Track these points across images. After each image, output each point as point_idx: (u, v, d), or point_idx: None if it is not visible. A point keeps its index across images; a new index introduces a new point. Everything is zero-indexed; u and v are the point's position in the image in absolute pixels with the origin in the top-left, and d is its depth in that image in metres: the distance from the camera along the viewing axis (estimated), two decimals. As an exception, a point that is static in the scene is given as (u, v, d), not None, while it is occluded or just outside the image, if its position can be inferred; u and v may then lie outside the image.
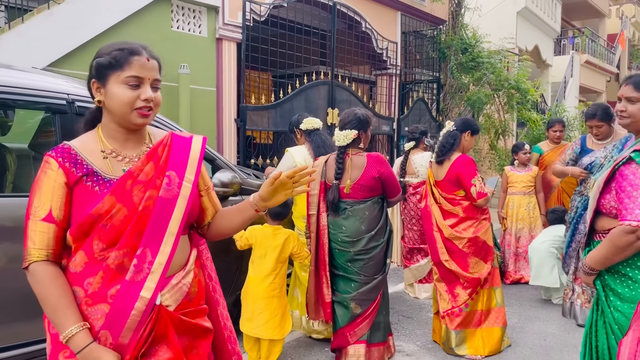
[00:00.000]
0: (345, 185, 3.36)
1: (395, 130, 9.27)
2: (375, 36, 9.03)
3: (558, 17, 16.55)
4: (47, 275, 1.45)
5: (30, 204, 1.48)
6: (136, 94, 1.50)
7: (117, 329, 1.43)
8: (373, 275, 3.36)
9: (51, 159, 1.49)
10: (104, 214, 1.45)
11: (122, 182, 1.48)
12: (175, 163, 1.56)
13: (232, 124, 6.79)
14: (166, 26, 6.10)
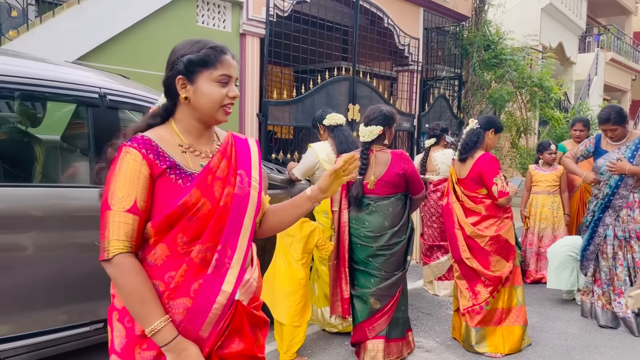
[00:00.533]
0: (369, 181, 3.39)
1: (415, 127, 9.24)
2: (397, 32, 9.00)
3: (583, 14, 16.29)
4: (133, 268, 1.43)
5: (111, 194, 1.44)
6: (225, 92, 1.53)
7: (198, 323, 1.45)
8: (393, 272, 3.39)
9: (133, 149, 1.46)
10: (191, 207, 1.45)
11: (204, 176, 1.50)
12: (242, 162, 1.60)
13: (254, 119, 6.85)
14: (191, 21, 6.17)
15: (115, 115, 3.06)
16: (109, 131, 2.97)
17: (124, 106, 3.18)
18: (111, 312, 1.55)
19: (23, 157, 3.18)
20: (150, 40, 5.73)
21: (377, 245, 3.36)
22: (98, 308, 2.92)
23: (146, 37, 5.70)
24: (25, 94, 2.94)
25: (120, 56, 5.48)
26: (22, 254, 2.66)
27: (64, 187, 3.05)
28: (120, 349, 1.50)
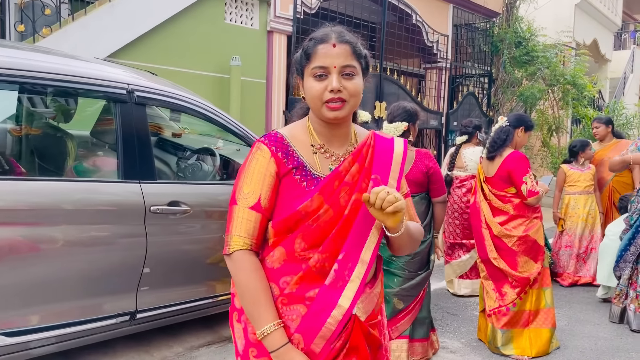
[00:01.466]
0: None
1: (443, 124, 9.13)
2: (425, 29, 8.90)
3: (619, 10, 15.82)
4: (251, 265, 1.40)
5: (239, 189, 1.43)
6: (324, 86, 1.39)
7: (311, 335, 1.36)
8: (417, 271, 3.34)
9: (264, 146, 1.43)
10: (312, 212, 1.38)
11: (331, 182, 1.40)
12: (379, 166, 1.46)
13: (280, 116, 6.87)
14: (219, 19, 6.22)
15: (143, 111, 3.11)
16: (136, 127, 3.05)
17: (152, 102, 3.23)
18: (232, 312, 1.52)
19: (55, 151, 3.26)
20: (179, 38, 5.80)
21: None
22: (121, 300, 2.98)
23: (175, 34, 5.77)
24: (56, 89, 3.02)
25: (149, 53, 5.56)
26: (52, 247, 2.72)
27: (93, 181, 3.11)
28: (241, 350, 1.46)
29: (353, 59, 1.42)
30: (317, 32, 1.47)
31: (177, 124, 4.58)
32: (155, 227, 3.04)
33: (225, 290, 3.46)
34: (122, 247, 2.98)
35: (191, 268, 3.31)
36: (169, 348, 3.47)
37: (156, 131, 4.25)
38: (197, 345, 3.55)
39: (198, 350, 3.47)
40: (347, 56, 1.41)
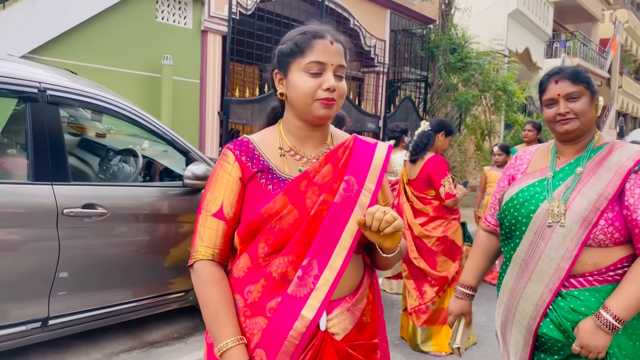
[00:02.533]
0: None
1: (381, 128, 9.31)
2: (363, 33, 9.05)
3: (550, 20, 16.64)
4: (210, 277, 1.32)
5: (203, 198, 1.38)
6: (318, 82, 1.32)
7: (273, 351, 1.25)
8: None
9: (229, 151, 1.39)
10: (274, 214, 1.30)
11: (297, 182, 1.32)
12: (355, 168, 1.36)
13: (215, 117, 6.80)
14: (150, 16, 6.10)
15: (56, 111, 3.01)
16: (49, 127, 2.94)
17: (67, 102, 3.12)
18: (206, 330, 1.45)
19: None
20: (107, 35, 5.64)
21: None
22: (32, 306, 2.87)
23: (102, 31, 5.61)
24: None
25: (74, 51, 5.38)
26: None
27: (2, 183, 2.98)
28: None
29: (344, 59, 1.38)
30: (302, 27, 1.40)
31: (102, 125, 4.46)
32: (68, 230, 2.95)
33: (148, 293, 3.40)
34: (32, 251, 2.86)
35: (109, 272, 3.22)
36: (87, 355, 3.37)
37: (78, 131, 4.11)
38: (117, 351, 3.46)
39: (118, 357, 3.39)
40: (341, 56, 1.37)
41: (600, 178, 1.64)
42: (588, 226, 1.60)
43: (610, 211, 1.60)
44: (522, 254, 1.74)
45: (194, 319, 4.06)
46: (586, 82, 1.71)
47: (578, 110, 1.68)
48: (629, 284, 1.57)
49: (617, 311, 1.55)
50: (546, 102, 1.74)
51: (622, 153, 1.67)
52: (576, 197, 1.63)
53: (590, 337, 1.57)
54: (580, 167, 1.70)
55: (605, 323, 1.55)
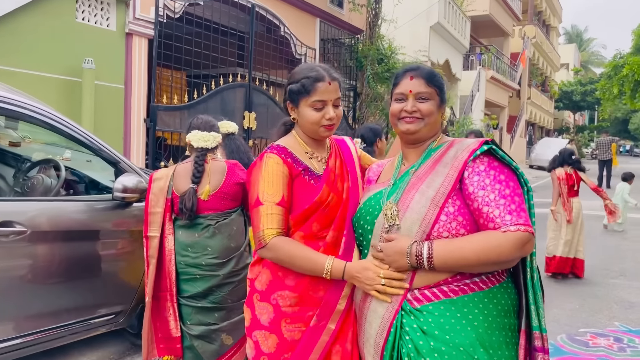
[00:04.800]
0: (204, 192, 2.92)
1: (312, 136, 9.27)
2: (294, 41, 8.99)
3: (467, 34, 17.48)
4: (288, 240, 1.74)
5: (261, 192, 1.76)
6: (321, 114, 1.80)
7: (335, 298, 1.74)
8: (241, 299, 2.95)
9: (274, 155, 1.80)
10: (323, 201, 1.77)
11: (329, 175, 1.82)
12: (348, 160, 1.91)
13: (141, 124, 6.44)
14: (70, 16, 5.68)
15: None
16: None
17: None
18: (251, 295, 1.86)
19: None
20: (20, 35, 5.18)
21: (224, 272, 2.96)
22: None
23: (15, 31, 5.14)
24: None
25: (-18, 51, 4.88)
26: None
27: None
28: (268, 323, 1.79)
29: (339, 92, 1.85)
30: (306, 69, 1.85)
31: (16, 132, 4.05)
32: (-20, 251, 2.61)
33: (73, 318, 3.10)
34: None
35: (29, 296, 2.90)
36: (1, 390, 3.00)
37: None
38: (37, 383, 3.12)
39: (37, 390, 3.05)
40: (337, 91, 1.84)
41: (437, 173, 1.59)
42: (428, 224, 1.53)
43: (451, 205, 1.53)
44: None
45: (123, 341, 3.77)
46: (439, 86, 1.68)
47: (425, 112, 1.64)
48: (463, 239, 1.52)
49: (437, 251, 1.50)
50: (396, 95, 1.69)
51: (458, 147, 1.62)
52: (414, 195, 1.58)
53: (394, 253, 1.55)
54: (414, 168, 1.66)
55: (417, 253, 1.51)
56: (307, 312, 1.76)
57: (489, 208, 1.52)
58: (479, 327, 1.51)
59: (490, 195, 1.53)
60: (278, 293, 1.78)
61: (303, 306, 1.76)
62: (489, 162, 1.59)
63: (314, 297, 1.76)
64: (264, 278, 1.82)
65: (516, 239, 1.47)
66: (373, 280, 1.61)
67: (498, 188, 1.54)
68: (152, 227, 2.96)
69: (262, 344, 1.79)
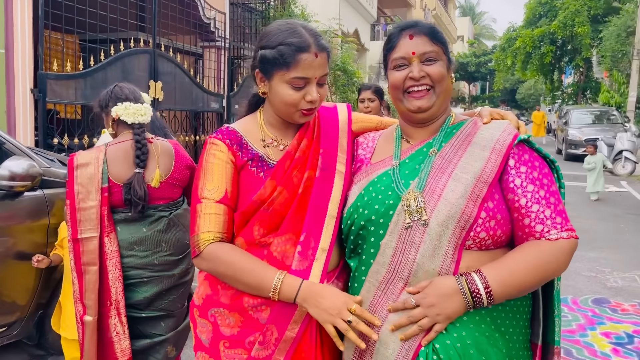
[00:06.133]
0: (154, 178, 2.46)
1: (225, 107, 8.70)
2: (202, 4, 8.28)
3: (375, 3, 17.45)
4: (228, 247, 1.38)
5: (201, 187, 1.41)
6: (301, 95, 1.38)
7: (284, 322, 1.34)
8: (185, 302, 2.63)
9: (218, 140, 1.44)
10: (266, 198, 1.39)
11: (281, 163, 1.42)
12: (326, 138, 1.47)
13: (27, 95, 5.55)
14: None
15: None
16: None
17: None
18: (192, 309, 1.51)
19: None
20: None
21: (180, 271, 2.51)
22: None
23: None
24: None
25: None
26: None
27: None
28: (208, 343, 1.44)
29: (327, 66, 1.43)
30: (286, 31, 1.39)
31: None
32: None
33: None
34: None
35: None
36: None
37: None
38: None
39: None
40: (324, 66, 1.42)
41: (474, 156, 1.27)
42: (468, 220, 1.23)
43: (490, 199, 1.25)
44: (382, 269, 1.30)
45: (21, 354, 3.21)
46: (444, 43, 1.35)
47: (436, 76, 1.30)
48: (514, 258, 1.24)
49: (493, 282, 1.19)
50: (395, 61, 1.33)
51: (492, 127, 1.32)
52: (447, 182, 1.25)
53: (440, 297, 1.20)
54: (434, 148, 1.33)
55: (472, 289, 1.19)
56: (248, 336, 1.38)
57: (539, 207, 1.24)
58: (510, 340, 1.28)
59: (540, 191, 1.25)
60: (214, 310, 1.44)
61: (244, 329, 1.39)
62: (531, 152, 1.30)
63: (255, 320, 1.38)
64: (201, 290, 1.49)
65: (571, 248, 1.23)
66: (338, 310, 1.25)
67: (547, 184, 1.27)
68: (84, 227, 2.38)
69: None
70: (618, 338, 3.71)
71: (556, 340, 1.34)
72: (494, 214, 1.24)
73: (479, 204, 1.23)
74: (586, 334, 3.76)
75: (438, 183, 1.27)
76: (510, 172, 1.26)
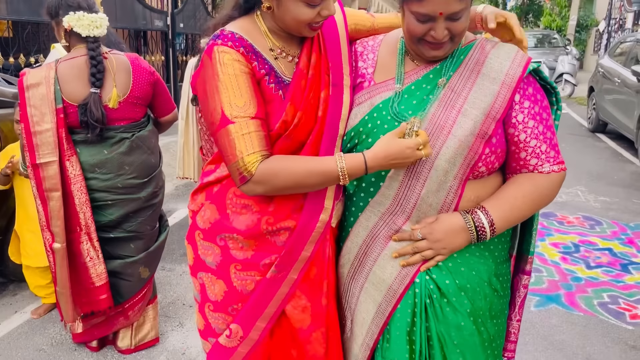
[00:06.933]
0: (111, 98, 2.31)
1: (169, 26, 8.20)
2: None
3: None
4: (278, 160, 1.25)
5: (225, 105, 1.22)
6: (316, 12, 1.24)
7: (301, 244, 1.34)
8: (156, 224, 2.60)
9: (229, 49, 1.24)
10: (289, 125, 1.28)
11: (297, 84, 1.30)
12: (332, 48, 1.35)
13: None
14: None
15: None
16: None
17: None
18: (193, 231, 1.44)
19: None
20: None
21: (146, 194, 2.46)
22: None
23: None
24: None
25: None
26: None
27: None
28: (215, 266, 1.40)
29: None
30: None
31: None
32: None
33: None
34: None
35: None
36: None
37: None
38: None
39: None
40: None
41: (483, 90, 1.24)
42: (474, 157, 1.24)
43: (494, 135, 1.25)
44: (386, 201, 1.31)
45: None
46: None
47: (458, 31, 1.23)
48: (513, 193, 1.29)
49: (496, 217, 1.26)
50: (418, 14, 1.21)
51: (501, 55, 1.27)
52: (457, 117, 1.23)
53: (446, 233, 1.25)
54: (443, 78, 1.28)
55: (478, 226, 1.26)
56: (263, 259, 1.36)
57: (537, 142, 1.28)
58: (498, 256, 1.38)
59: (539, 126, 1.28)
60: (226, 235, 1.37)
61: (259, 252, 1.36)
62: (535, 84, 1.30)
63: (272, 243, 1.36)
64: (207, 214, 1.40)
65: (561, 180, 1.33)
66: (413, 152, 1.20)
67: (545, 118, 1.30)
68: (42, 151, 2.24)
69: (209, 288, 1.43)
70: (566, 247, 3.99)
71: (531, 251, 1.45)
72: (495, 149, 1.27)
73: (485, 141, 1.24)
74: (537, 245, 4.01)
75: (448, 118, 1.24)
76: (515, 107, 1.26)
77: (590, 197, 5.28)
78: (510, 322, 1.49)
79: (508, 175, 1.35)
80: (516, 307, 1.48)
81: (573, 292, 3.30)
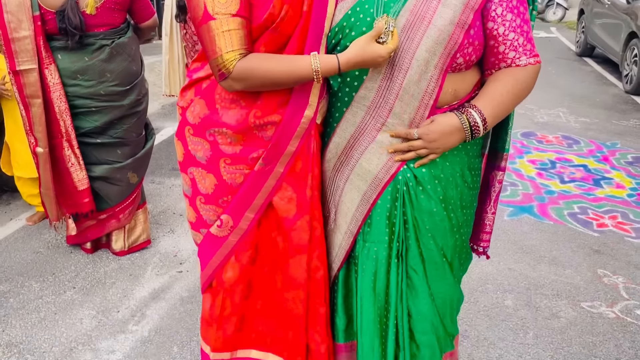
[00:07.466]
0: (88, 4, 2.32)
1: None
2: None
3: None
4: (255, 59, 1.30)
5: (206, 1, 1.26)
6: None
7: (287, 138, 1.41)
8: (142, 131, 2.69)
9: None
10: (275, 18, 1.31)
11: None
12: None
13: None
14: None
15: None
16: None
17: None
18: (182, 127, 1.50)
19: None
20: None
21: (129, 102, 2.51)
22: None
23: None
24: None
25: None
26: None
27: None
28: (205, 160, 1.47)
29: None
30: None
31: None
32: None
33: None
34: None
35: None
36: None
37: None
38: None
39: None
40: None
41: None
42: (454, 46, 1.28)
43: (473, 26, 1.29)
44: (370, 94, 1.36)
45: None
46: None
47: None
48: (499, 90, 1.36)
49: (487, 115, 1.34)
50: None
51: None
52: (437, 6, 1.26)
53: (442, 134, 1.33)
54: None
55: (472, 124, 1.33)
56: (251, 153, 1.43)
57: (514, 35, 1.33)
58: (470, 150, 1.47)
59: (517, 20, 1.33)
60: (215, 129, 1.43)
61: (247, 146, 1.43)
62: None
63: (260, 137, 1.43)
64: (197, 109, 1.46)
65: (537, 72, 1.39)
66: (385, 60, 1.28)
67: (522, 12, 1.34)
68: (21, 58, 2.28)
69: (199, 182, 1.51)
70: (542, 164, 4.14)
71: (506, 149, 1.53)
72: (472, 41, 1.31)
73: (465, 31, 1.28)
74: (514, 162, 4.16)
75: (428, 9, 1.28)
76: (494, 0, 1.30)
77: (571, 117, 5.39)
78: (486, 215, 1.59)
79: (487, 71, 1.41)
80: (491, 200, 1.58)
81: (545, 204, 3.48)
